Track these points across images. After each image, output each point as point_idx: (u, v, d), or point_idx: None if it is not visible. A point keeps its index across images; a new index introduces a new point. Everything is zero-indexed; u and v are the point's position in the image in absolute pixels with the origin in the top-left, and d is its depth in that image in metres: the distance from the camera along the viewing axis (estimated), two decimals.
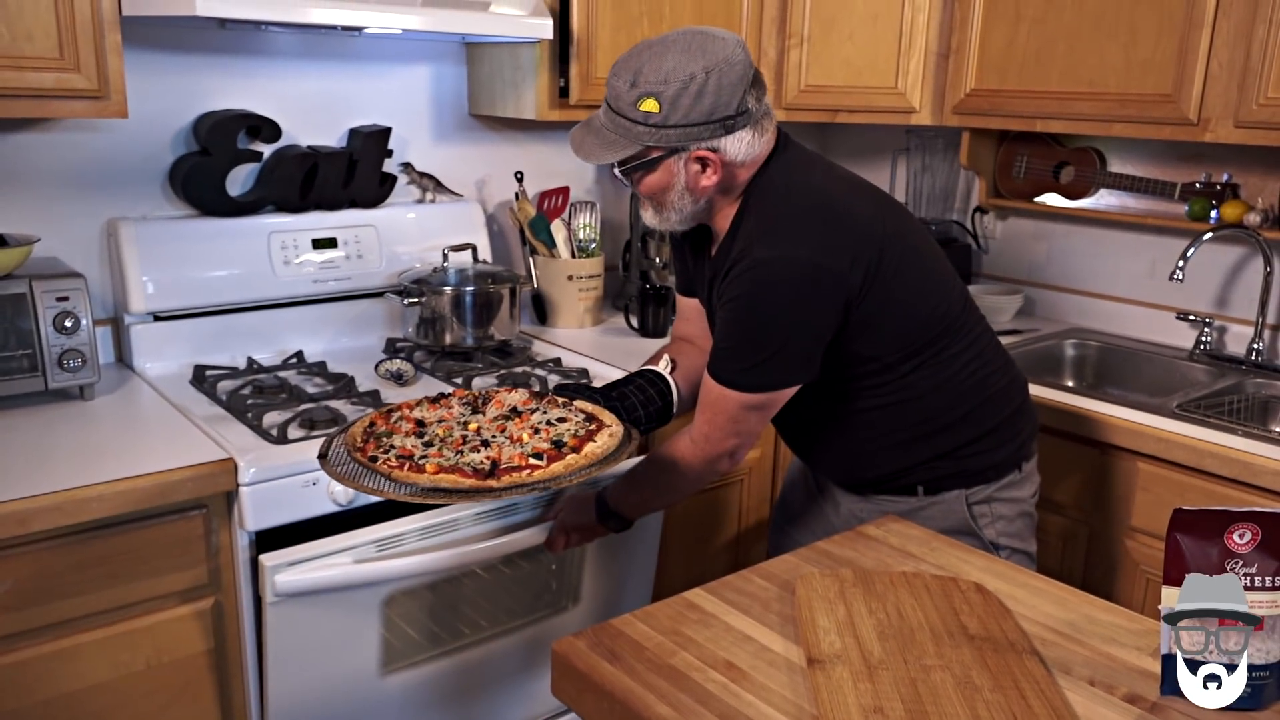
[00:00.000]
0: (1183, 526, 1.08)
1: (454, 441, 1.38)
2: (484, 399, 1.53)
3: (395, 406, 1.50)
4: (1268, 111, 1.99)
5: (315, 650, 1.64)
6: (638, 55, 1.42)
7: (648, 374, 1.69)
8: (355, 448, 1.37)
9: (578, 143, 1.49)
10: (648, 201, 1.53)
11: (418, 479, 1.27)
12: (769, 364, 1.47)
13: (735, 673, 1.10)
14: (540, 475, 1.29)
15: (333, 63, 2.20)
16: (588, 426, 1.43)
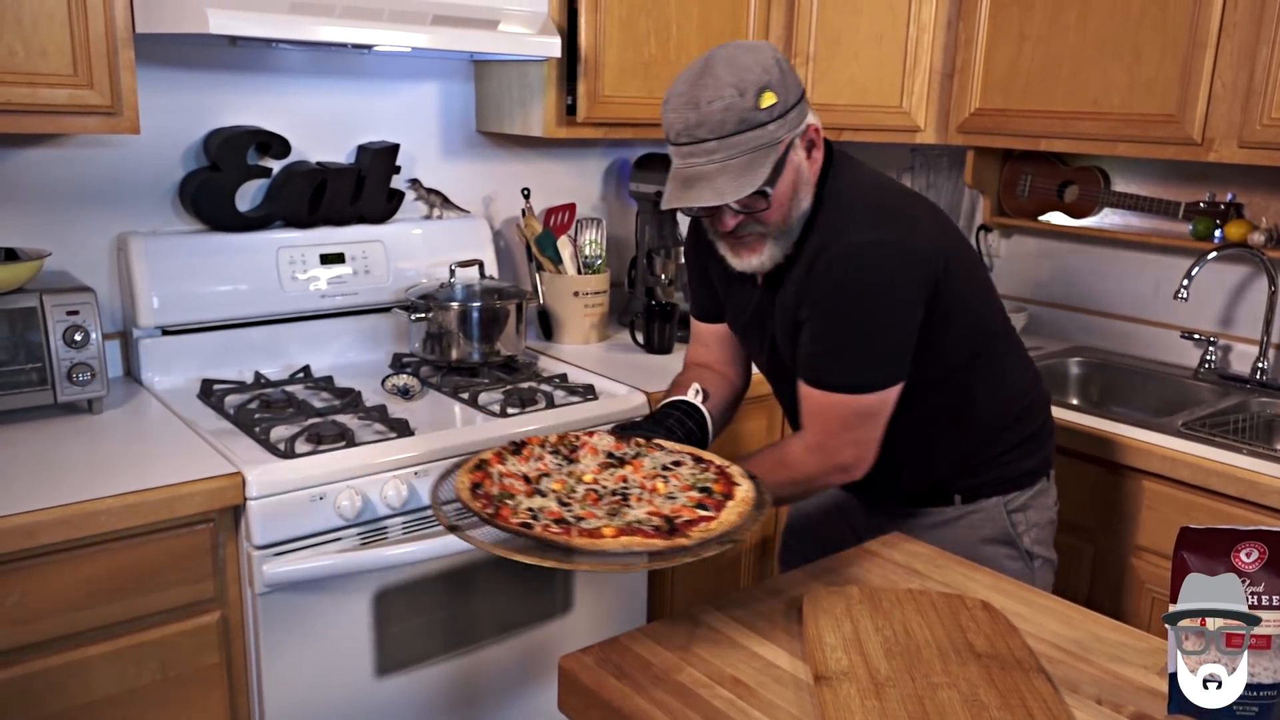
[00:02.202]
0: (1190, 545, 1.08)
1: (583, 497, 1.26)
2: (571, 446, 1.41)
3: (484, 462, 1.33)
4: (1271, 132, 2.00)
5: (308, 647, 1.65)
6: (707, 73, 1.31)
7: (682, 405, 1.59)
8: (491, 516, 1.19)
9: (704, 193, 1.31)
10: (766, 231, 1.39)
11: (607, 544, 1.13)
12: (874, 358, 1.41)
13: (742, 689, 1.10)
14: (721, 527, 1.19)
15: (342, 80, 2.22)
16: (703, 468, 1.35)
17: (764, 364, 1.66)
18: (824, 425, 1.46)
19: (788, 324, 1.48)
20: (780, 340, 1.53)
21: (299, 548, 1.61)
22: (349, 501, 1.63)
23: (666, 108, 1.35)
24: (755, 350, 1.65)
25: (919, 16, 2.46)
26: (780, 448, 1.52)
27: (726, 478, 1.31)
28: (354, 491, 1.64)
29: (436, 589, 1.79)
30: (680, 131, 1.32)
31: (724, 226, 1.38)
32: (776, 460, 1.49)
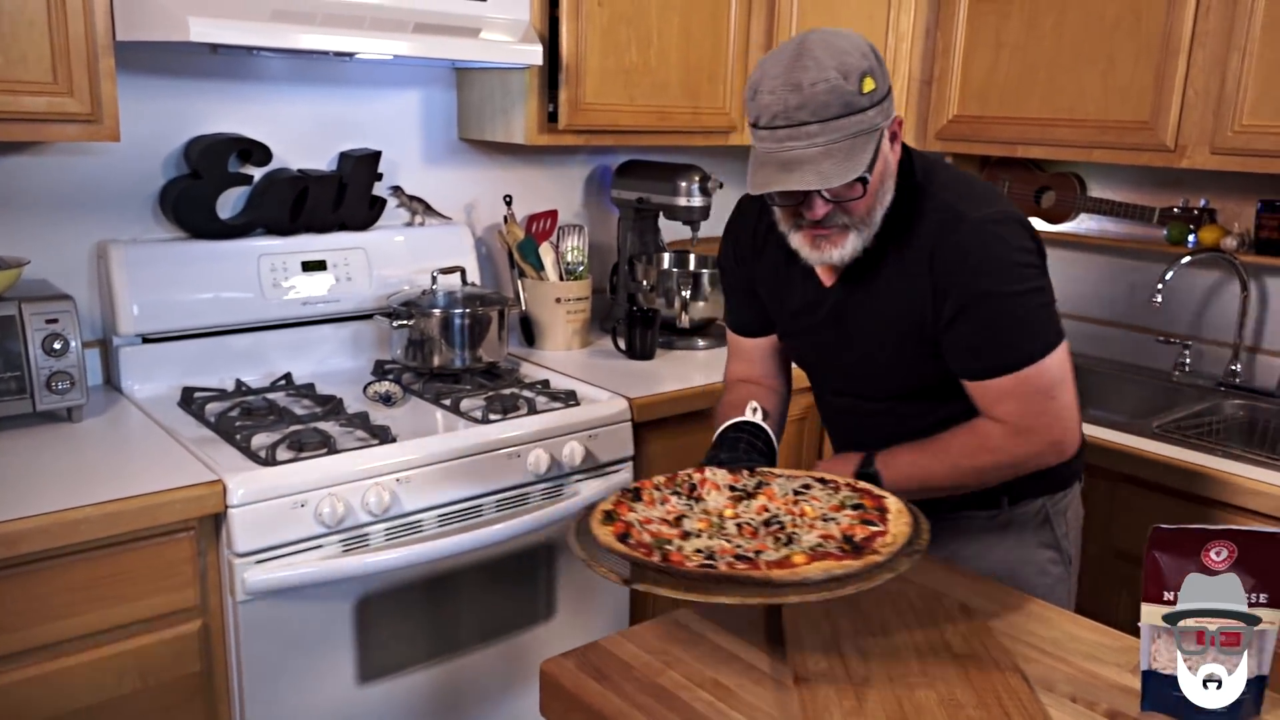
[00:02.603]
0: (1161, 544, 1.09)
1: (738, 532, 1.20)
2: (689, 485, 1.34)
3: (611, 513, 1.24)
4: (1243, 138, 2.03)
5: (290, 655, 1.65)
6: (805, 55, 1.25)
7: (747, 427, 1.52)
8: (663, 562, 1.11)
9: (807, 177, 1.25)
10: (849, 222, 1.34)
11: (807, 572, 1.07)
12: (1041, 320, 1.36)
13: (722, 691, 1.11)
14: (899, 538, 1.14)
15: (324, 87, 2.22)
16: (833, 489, 1.32)
17: (835, 366, 1.56)
18: (1022, 408, 1.38)
19: (891, 318, 1.43)
20: (868, 337, 1.46)
21: (280, 555, 1.61)
22: (330, 508, 1.63)
23: (760, 90, 1.27)
24: (824, 354, 1.56)
25: (898, 25, 2.49)
26: (969, 432, 1.42)
27: (865, 492, 1.28)
28: (335, 498, 1.64)
29: (419, 596, 1.79)
30: (777, 114, 1.26)
31: (814, 214, 1.33)
32: (977, 444, 1.41)
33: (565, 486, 1.96)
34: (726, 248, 1.65)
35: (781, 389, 1.69)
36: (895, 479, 1.41)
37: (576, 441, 1.95)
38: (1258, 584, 1.09)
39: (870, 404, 1.54)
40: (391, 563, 1.69)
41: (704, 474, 1.35)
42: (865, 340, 1.47)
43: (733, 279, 1.65)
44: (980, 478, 1.45)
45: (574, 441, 1.95)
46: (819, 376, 1.63)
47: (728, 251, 1.65)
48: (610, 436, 2.01)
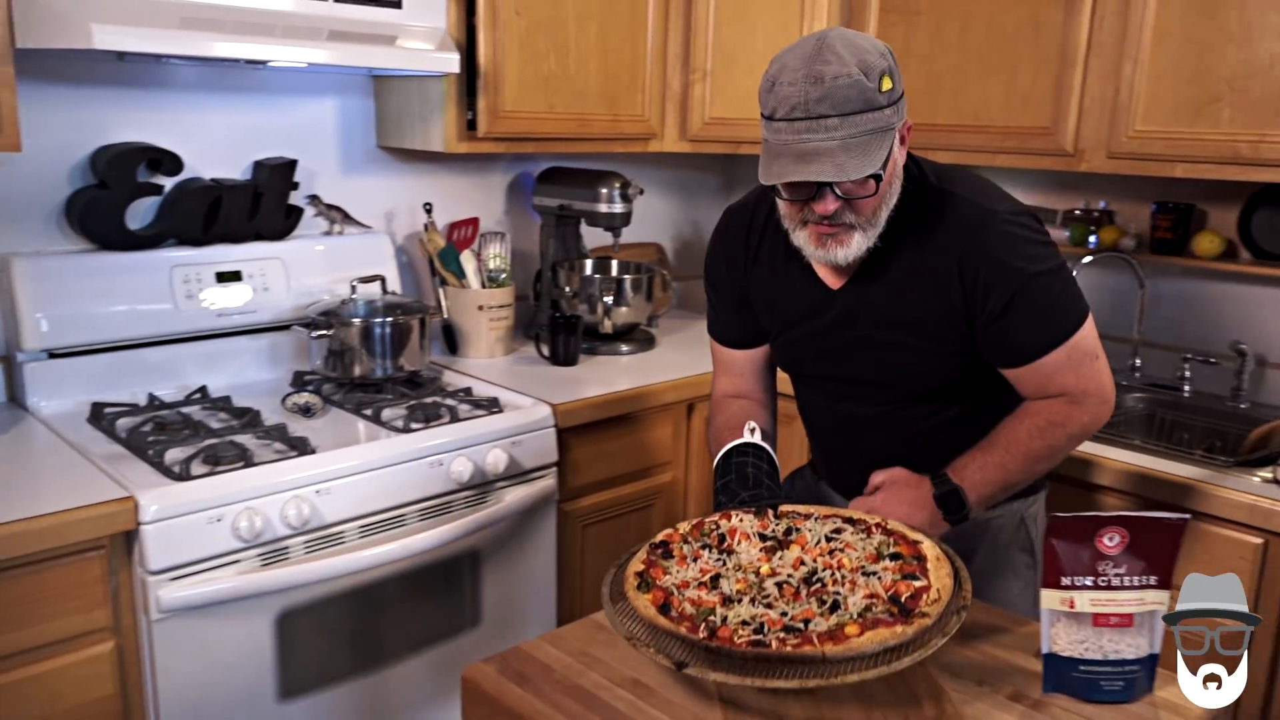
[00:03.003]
0: (1058, 532, 1.14)
1: (780, 593, 1.15)
2: (717, 535, 1.30)
3: (647, 579, 1.19)
4: (1136, 143, 2.12)
5: (208, 673, 1.63)
6: (826, 49, 1.25)
7: (749, 450, 1.50)
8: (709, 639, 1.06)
9: (825, 169, 1.24)
10: (856, 222, 1.34)
11: (861, 645, 1.03)
12: (1073, 288, 1.41)
13: (642, 690, 1.13)
14: (943, 595, 1.12)
15: (236, 95, 2.19)
16: (865, 530, 1.29)
17: (839, 371, 1.54)
18: (1075, 375, 1.41)
19: (913, 318, 1.43)
20: (883, 338, 1.46)
21: (196, 571, 1.58)
22: (248, 522, 1.61)
23: (779, 82, 1.27)
24: (827, 359, 1.53)
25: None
26: (1031, 416, 1.43)
27: (899, 536, 1.26)
28: (253, 512, 1.62)
29: (342, 608, 1.77)
30: (796, 106, 1.24)
31: (824, 209, 1.32)
32: (1045, 423, 1.42)
33: (489, 494, 1.96)
34: (716, 258, 1.62)
35: (770, 403, 1.68)
36: (977, 487, 1.40)
37: (500, 449, 1.95)
38: (1148, 567, 1.14)
39: (874, 409, 1.53)
40: (312, 575, 1.67)
41: (731, 521, 1.32)
42: (879, 342, 1.47)
43: (723, 290, 1.61)
44: (1053, 457, 1.45)
45: (497, 449, 1.95)
46: (817, 384, 1.60)
47: (718, 262, 1.61)
48: (534, 443, 2.02)
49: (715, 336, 1.67)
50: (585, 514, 2.19)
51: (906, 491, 1.43)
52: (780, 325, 1.56)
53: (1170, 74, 2.06)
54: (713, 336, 1.68)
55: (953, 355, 1.45)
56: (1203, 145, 2.03)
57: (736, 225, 1.58)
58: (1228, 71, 1.98)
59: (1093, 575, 1.14)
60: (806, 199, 1.33)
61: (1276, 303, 2.29)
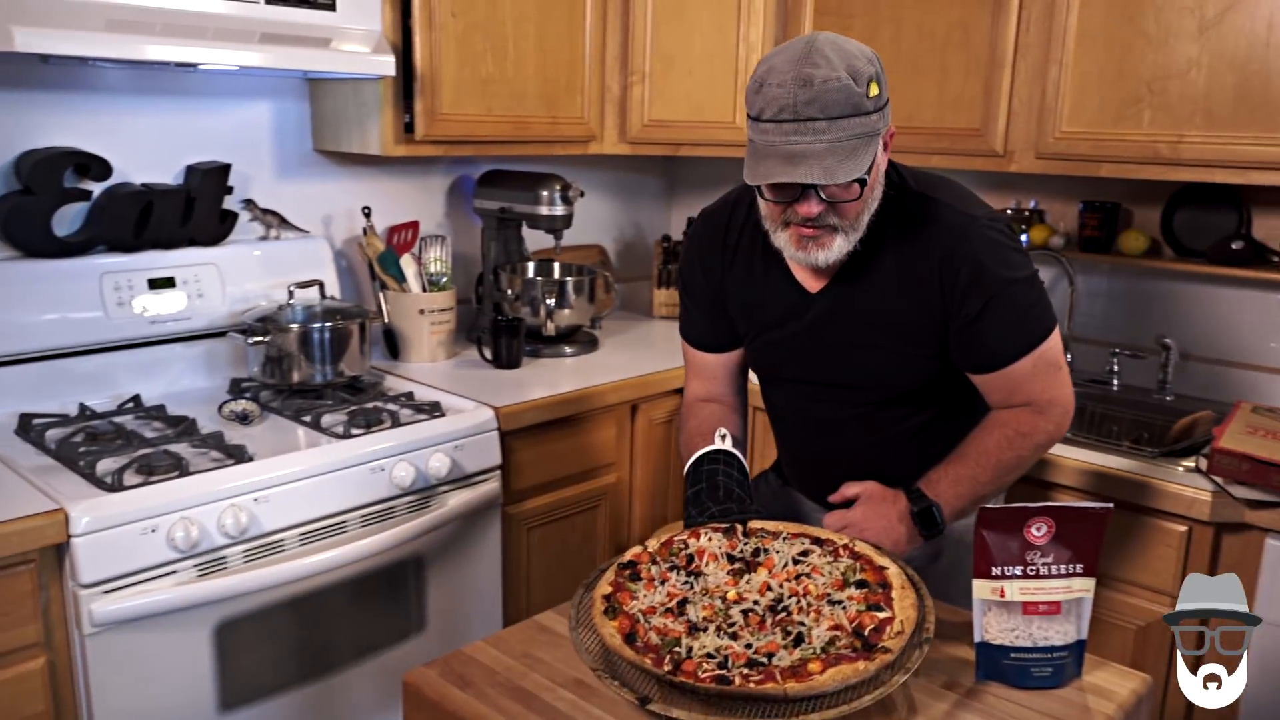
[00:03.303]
0: (987, 524, 1.18)
1: (745, 621, 1.16)
2: (685, 555, 1.30)
3: (614, 604, 1.19)
4: (1063, 144, 2.18)
5: (145, 687, 1.60)
6: (814, 53, 1.26)
7: (720, 457, 1.51)
8: (673, 674, 1.06)
9: (813, 171, 1.26)
10: (838, 224, 1.35)
11: (823, 684, 1.03)
12: (1044, 298, 1.44)
13: (585, 690, 1.14)
14: (905, 627, 1.12)
15: (167, 98, 2.15)
16: (832, 553, 1.30)
17: (816, 374, 1.54)
18: (1042, 384, 1.44)
19: (893, 321, 1.45)
20: (864, 340, 1.47)
21: (131, 584, 1.55)
22: (184, 532, 1.58)
23: (767, 83, 1.28)
24: (805, 361, 1.54)
25: (748, 36, 2.57)
26: (998, 427, 1.46)
27: (866, 560, 1.27)
28: (189, 522, 1.59)
29: (283, 617, 1.75)
30: (784, 108, 1.25)
31: (808, 211, 1.33)
32: (1013, 434, 1.45)
33: (432, 499, 1.95)
34: (691, 261, 1.62)
35: (741, 407, 1.69)
36: (950, 502, 1.42)
37: (442, 453, 1.94)
38: (1074, 555, 1.18)
39: (848, 411, 1.54)
40: (251, 585, 1.65)
41: (700, 541, 1.32)
42: (856, 345, 1.48)
43: (698, 293, 1.61)
44: (1020, 468, 1.48)
45: (440, 453, 1.94)
46: (792, 387, 1.60)
47: (693, 264, 1.61)
48: (477, 446, 2.01)
49: (689, 340, 1.67)
50: (530, 517, 2.19)
51: (883, 507, 1.44)
52: (757, 328, 1.56)
53: (1094, 76, 2.12)
54: (686, 340, 1.68)
55: (928, 359, 1.47)
56: (1126, 146, 2.10)
57: (713, 228, 1.58)
58: (1147, 74, 2.05)
59: (1022, 565, 1.18)
60: (790, 201, 1.34)
61: (1198, 298, 2.37)
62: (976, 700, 1.15)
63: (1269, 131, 1.93)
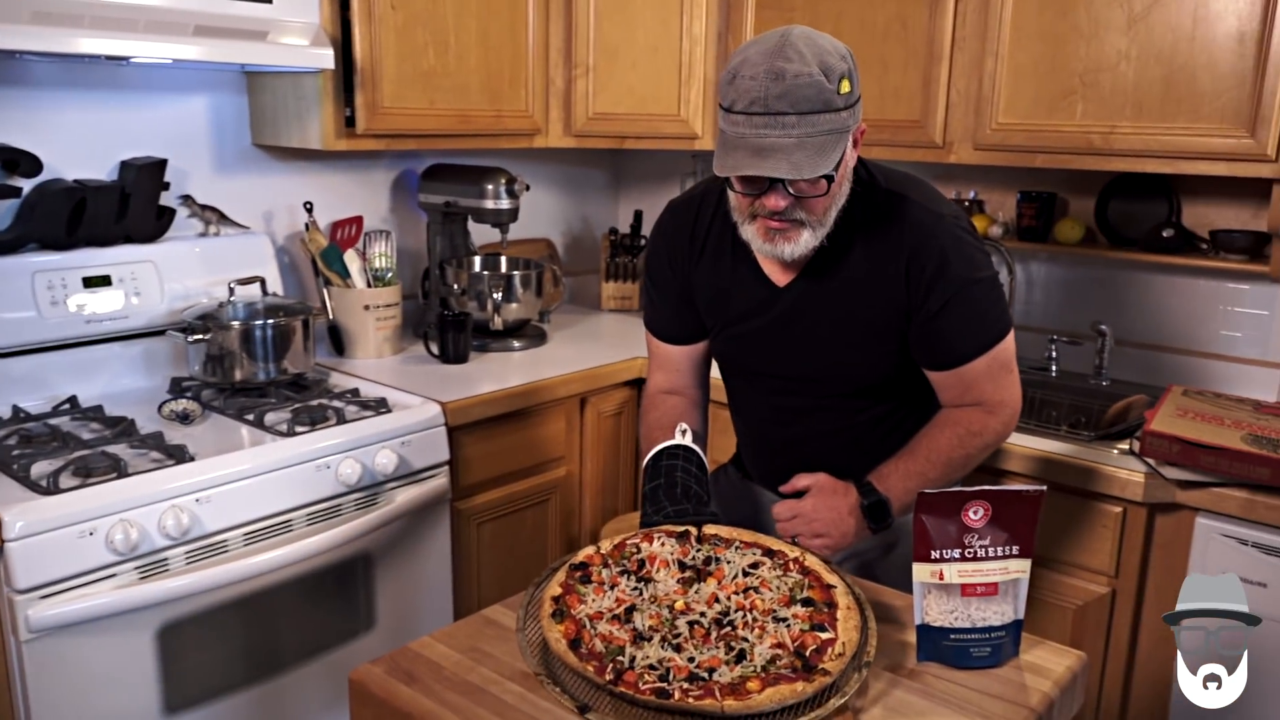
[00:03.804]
0: (926, 508, 1.20)
1: (690, 633, 1.16)
2: (637, 560, 1.30)
3: (561, 607, 1.19)
4: (1000, 135, 2.22)
5: (86, 693, 1.57)
6: (788, 47, 1.27)
7: (679, 452, 1.51)
8: (614, 684, 1.07)
9: (780, 166, 1.27)
10: (806, 219, 1.37)
11: (760, 704, 1.04)
12: (1002, 299, 1.48)
13: (532, 683, 1.14)
14: (847, 649, 1.13)
15: (99, 92, 2.10)
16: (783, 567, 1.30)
17: (781, 366, 1.55)
18: (993, 385, 1.47)
19: (860, 315, 1.46)
20: (829, 333, 1.49)
21: (69, 588, 1.53)
22: (123, 535, 1.55)
23: (740, 75, 1.28)
24: (771, 353, 1.54)
25: (690, 29, 2.58)
26: (950, 426, 1.49)
27: (814, 576, 1.27)
28: (128, 524, 1.56)
29: (229, 617, 1.73)
30: (755, 100, 1.26)
31: (774, 206, 1.34)
32: (964, 434, 1.48)
33: (379, 495, 1.94)
34: (658, 253, 1.61)
35: (703, 400, 1.70)
36: (900, 496, 1.44)
37: (389, 449, 1.93)
38: (1010, 538, 1.21)
39: (812, 401, 1.56)
40: (194, 586, 1.63)
41: (653, 546, 1.32)
42: (822, 338, 1.50)
43: (665, 284, 1.61)
44: (966, 467, 1.50)
45: (386, 449, 1.93)
46: (756, 379, 1.61)
47: (659, 256, 1.61)
48: (424, 442, 2.00)
49: (654, 331, 1.67)
50: (480, 512, 2.19)
51: (834, 499, 1.46)
52: (724, 321, 1.57)
53: (1028, 69, 2.17)
54: (650, 331, 1.67)
55: (891, 354, 1.50)
56: (1060, 136, 2.14)
57: (681, 220, 1.58)
58: (1080, 66, 2.10)
59: (960, 548, 1.20)
60: (758, 193, 1.35)
61: (1132, 285, 2.43)
62: (918, 681, 1.17)
63: (1195, 122, 1.99)
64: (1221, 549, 1.77)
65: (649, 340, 1.69)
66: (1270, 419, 1.89)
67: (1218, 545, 1.78)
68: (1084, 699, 1.27)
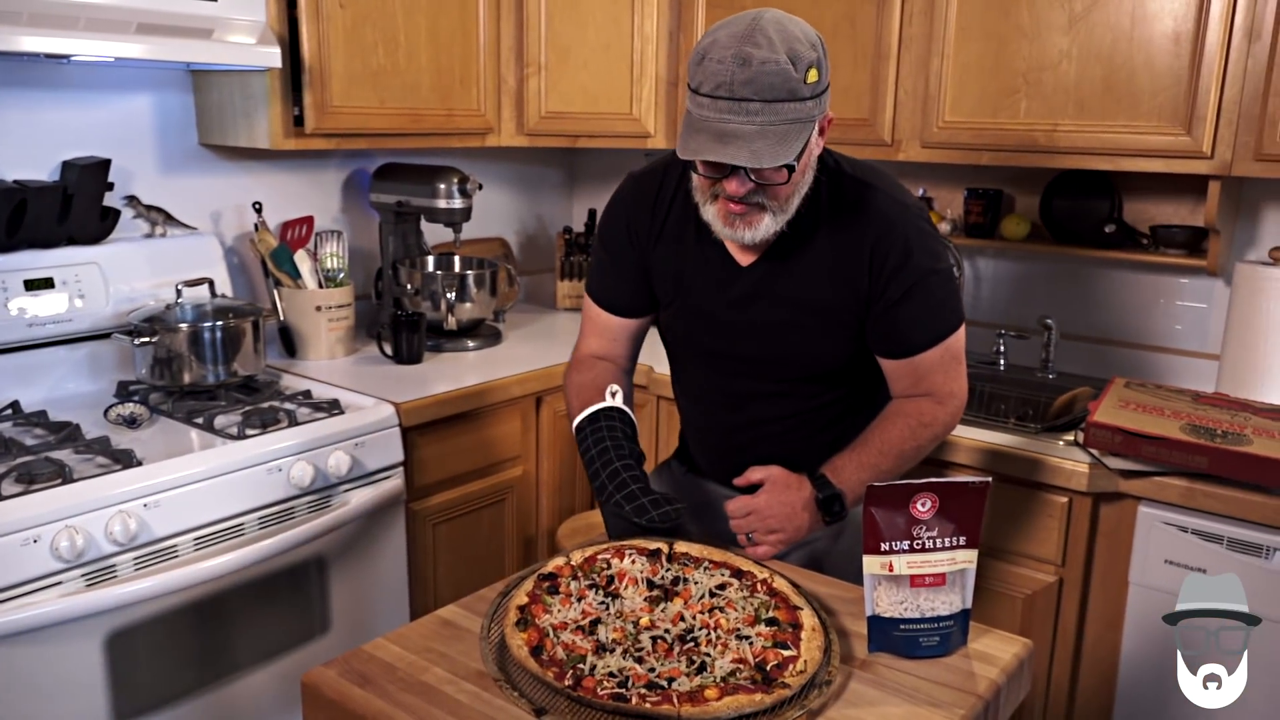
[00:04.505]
0: (875, 501, 1.22)
1: (653, 647, 1.16)
2: (606, 576, 1.30)
3: (526, 616, 1.20)
4: (946, 133, 2.26)
5: (31, 703, 1.54)
6: (757, 32, 1.26)
7: (615, 415, 1.52)
8: (574, 689, 1.08)
9: (741, 153, 1.26)
10: (767, 204, 1.37)
11: (717, 710, 1.04)
12: (956, 291, 1.51)
13: (486, 682, 1.14)
14: (809, 667, 1.13)
15: (38, 91, 2.05)
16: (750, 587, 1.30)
17: (737, 347, 1.54)
18: (944, 375, 1.50)
19: (820, 300, 1.47)
20: (789, 316, 1.49)
21: (12, 597, 1.50)
22: (69, 542, 1.53)
23: (707, 57, 1.28)
24: (727, 335, 1.54)
25: (642, 28, 2.59)
26: (901, 418, 1.51)
27: (781, 599, 1.27)
28: (74, 530, 1.54)
29: (180, 623, 1.70)
30: (721, 84, 1.26)
31: (734, 192, 1.34)
32: (916, 425, 1.50)
33: (333, 497, 1.92)
34: (616, 222, 1.59)
35: (632, 371, 1.70)
36: (854, 488, 1.46)
37: (342, 451, 1.92)
38: (957, 529, 1.23)
39: (766, 385, 1.56)
40: (143, 593, 1.60)
41: (623, 563, 1.32)
42: (782, 321, 1.50)
43: (621, 256, 1.58)
44: (918, 457, 1.52)
45: (339, 451, 1.91)
46: (711, 359, 1.59)
47: (618, 227, 1.58)
48: (378, 443, 1.99)
49: (597, 299, 1.64)
50: (435, 512, 2.18)
51: (787, 494, 1.47)
52: (683, 297, 1.55)
53: (973, 68, 2.20)
54: (593, 298, 1.65)
55: (848, 340, 1.51)
56: (1004, 134, 2.18)
57: (644, 193, 1.57)
58: (1023, 65, 2.14)
59: (909, 539, 1.22)
60: (720, 177, 1.35)
61: (1076, 280, 2.48)
62: (869, 672, 1.19)
63: (1135, 120, 2.04)
64: (1163, 536, 1.82)
65: (588, 306, 1.66)
66: (1208, 409, 1.94)
67: (1159, 533, 1.82)
68: (1031, 685, 1.30)
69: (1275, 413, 1.93)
